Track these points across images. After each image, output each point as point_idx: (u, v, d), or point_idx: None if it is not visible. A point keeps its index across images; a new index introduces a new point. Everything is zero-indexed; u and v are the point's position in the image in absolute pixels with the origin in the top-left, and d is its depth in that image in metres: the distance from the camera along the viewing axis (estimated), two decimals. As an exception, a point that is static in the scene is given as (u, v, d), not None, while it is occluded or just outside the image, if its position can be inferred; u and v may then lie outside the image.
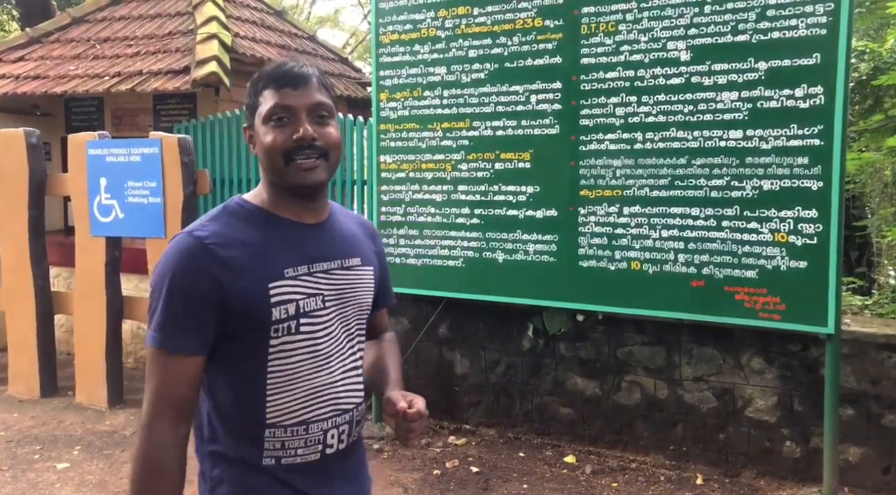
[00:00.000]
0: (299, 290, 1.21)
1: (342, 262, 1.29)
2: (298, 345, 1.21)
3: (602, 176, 3.36)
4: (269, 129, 1.21)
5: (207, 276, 1.14)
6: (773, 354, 3.39)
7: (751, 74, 3.03)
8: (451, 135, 3.76)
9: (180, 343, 1.15)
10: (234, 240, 1.19)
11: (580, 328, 3.78)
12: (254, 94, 1.26)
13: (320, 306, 1.23)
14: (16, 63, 5.92)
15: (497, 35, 3.59)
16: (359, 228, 1.41)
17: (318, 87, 1.24)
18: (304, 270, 1.23)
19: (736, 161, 3.09)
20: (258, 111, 1.24)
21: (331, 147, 1.23)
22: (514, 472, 3.52)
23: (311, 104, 1.22)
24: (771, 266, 3.04)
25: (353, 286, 1.30)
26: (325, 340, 1.24)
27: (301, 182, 1.21)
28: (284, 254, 1.22)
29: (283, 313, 1.18)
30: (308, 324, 1.21)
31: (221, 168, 5.06)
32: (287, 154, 1.19)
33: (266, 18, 6.79)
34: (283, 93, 1.21)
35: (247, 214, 1.24)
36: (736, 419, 3.47)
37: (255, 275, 1.17)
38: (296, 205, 1.25)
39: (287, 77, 1.22)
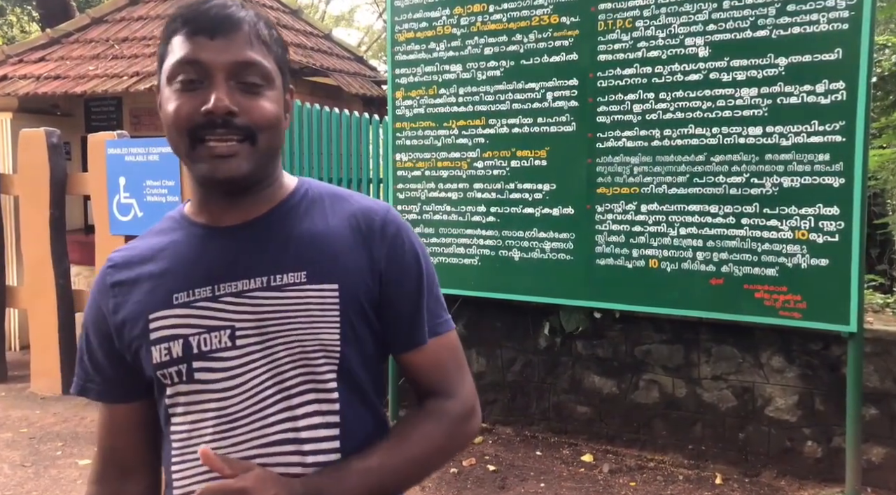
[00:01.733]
0: (192, 322, 0.87)
1: (269, 279, 0.88)
2: (195, 398, 0.88)
3: (619, 173, 3.34)
4: (173, 95, 0.85)
5: (100, 309, 0.94)
6: (793, 353, 3.36)
7: (770, 70, 2.99)
8: (466, 132, 3.75)
9: (94, 388, 0.95)
10: (134, 259, 0.93)
11: (597, 326, 3.77)
12: (163, 39, 0.90)
13: (227, 345, 0.87)
14: (37, 63, 6.00)
15: (513, 32, 3.58)
16: (342, 223, 0.93)
17: (249, 39, 0.86)
18: (205, 294, 0.88)
19: (755, 158, 3.05)
20: (163, 67, 0.89)
21: (259, 126, 0.85)
22: (531, 471, 3.51)
23: (235, 62, 0.85)
24: (791, 264, 3.00)
25: (286, 314, 0.88)
26: (232, 395, 0.87)
27: (209, 174, 0.85)
28: (181, 272, 0.89)
29: (164, 354, 0.87)
30: (206, 369, 0.87)
31: (238, 167, 5.09)
32: (193, 132, 0.84)
33: (282, 17, 6.83)
34: (195, 42, 0.85)
35: (167, 222, 0.97)
36: (756, 418, 3.44)
37: (137, 303, 0.90)
38: (214, 203, 0.91)
39: (202, 19, 0.85)
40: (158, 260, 0.92)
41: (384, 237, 0.94)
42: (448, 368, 0.98)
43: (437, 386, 0.97)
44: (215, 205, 0.91)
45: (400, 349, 0.97)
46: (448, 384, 0.97)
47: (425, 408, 0.96)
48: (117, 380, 0.94)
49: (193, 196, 0.94)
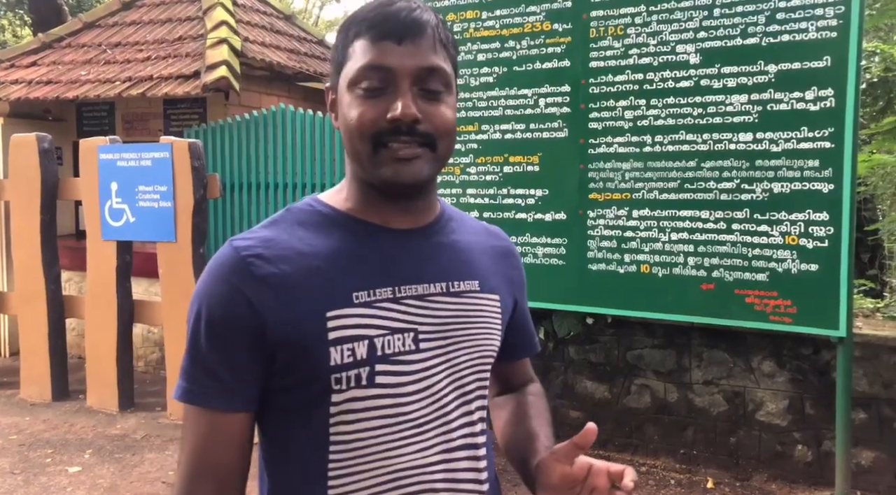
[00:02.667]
0: (376, 323, 0.84)
1: (449, 285, 0.90)
2: (373, 403, 0.83)
3: (611, 179, 3.36)
4: (356, 100, 0.84)
5: (242, 303, 0.82)
6: (784, 357, 3.38)
7: (760, 77, 3.02)
8: (459, 138, 3.76)
9: (211, 395, 0.83)
10: (287, 252, 0.85)
11: (590, 331, 3.78)
12: (342, 44, 0.87)
13: (411, 348, 0.85)
14: (28, 68, 5.98)
15: (505, 39, 3.60)
16: (485, 241, 1.00)
17: (433, 45, 0.84)
18: (387, 294, 0.85)
19: (746, 164, 3.08)
20: (344, 71, 0.86)
21: (441, 133, 0.85)
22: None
23: (422, 68, 0.83)
24: (782, 269, 3.02)
25: (468, 319, 0.90)
26: (417, 399, 0.85)
27: (392, 178, 0.84)
28: (357, 271, 0.85)
29: (347, 356, 0.81)
30: (389, 373, 0.83)
31: (232, 172, 5.09)
32: (377, 137, 0.83)
33: (275, 23, 6.83)
34: (382, 47, 0.83)
35: (316, 217, 0.90)
36: (747, 422, 3.45)
37: (309, 300, 0.82)
38: (386, 205, 0.89)
39: (390, 23, 0.83)
40: (324, 256, 0.85)
41: (511, 256, 1.05)
42: (531, 370, 1.16)
43: (531, 377, 1.14)
44: (388, 208, 0.89)
45: (519, 356, 1.10)
46: (533, 374, 1.16)
47: (534, 391, 1.11)
48: (246, 384, 0.83)
49: (357, 195, 0.90)
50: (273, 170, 4.92)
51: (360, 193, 0.89)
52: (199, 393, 0.83)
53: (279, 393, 0.84)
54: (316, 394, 0.82)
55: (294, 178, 4.84)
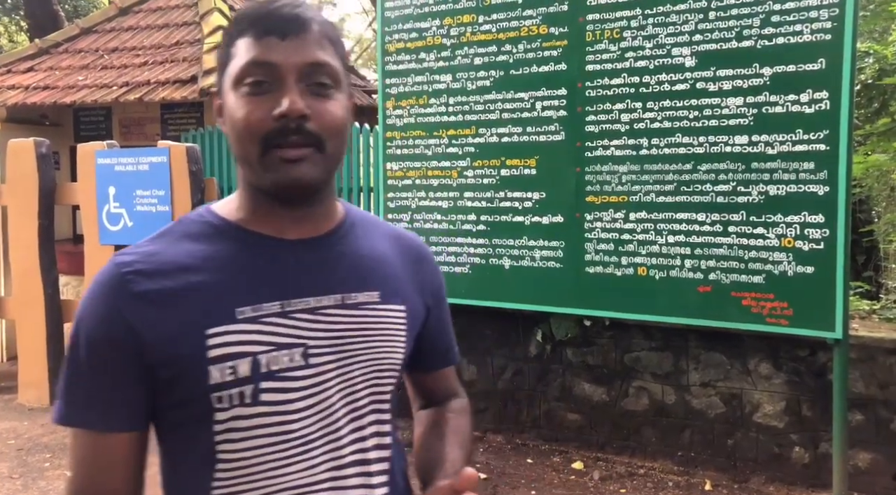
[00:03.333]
0: (260, 339, 0.81)
1: (345, 298, 0.87)
2: (258, 422, 0.80)
3: (608, 182, 3.37)
4: (241, 99, 0.81)
5: (119, 322, 0.79)
6: (780, 359, 3.39)
7: (755, 80, 3.04)
8: (456, 142, 3.78)
9: (92, 417, 0.80)
10: (168, 266, 0.81)
11: (587, 334, 3.79)
12: (225, 44, 0.85)
13: (299, 364, 0.82)
14: (25, 74, 5.99)
15: (502, 43, 3.61)
16: (395, 247, 0.96)
17: (319, 40, 0.83)
18: (274, 309, 0.82)
19: (742, 166, 3.09)
20: (227, 70, 0.84)
21: (328, 132, 0.82)
22: (522, 478, 3.52)
23: (307, 63, 0.81)
24: (778, 271, 3.04)
25: (363, 333, 0.87)
26: (305, 416, 0.82)
27: (280, 180, 0.81)
28: (243, 285, 0.82)
29: (228, 374, 0.78)
30: (275, 390, 0.80)
31: (229, 176, 5.10)
32: (266, 139, 0.80)
33: (272, 27, 6.85)
34: (265, 44, 0.81)
35: (205, 228, 0.86)
36: (744, 424, 3.46)
37: (188, 317, 0.79)
38: (278, 214, 0.86)
39: (272, 18, 0.82)
40: (206, 269, 0.82)
41: (430, 267, 1.01)
42: (456, 375, 1.11)
43: (455, 391, 1.08)
44: (280, 217, 0.85)
45: (436, 367, 1.06)
46: (459, 386, 1.11)
47: (455, 407, 1.05)
48: (127, 403, 0.80)
49: (249, 204, 0.87)
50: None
51: (252, 201, 0.86)
52: (78, 415, 0.80)
53: (166, 411, 0.82)
54: (199, 412, 0.80)
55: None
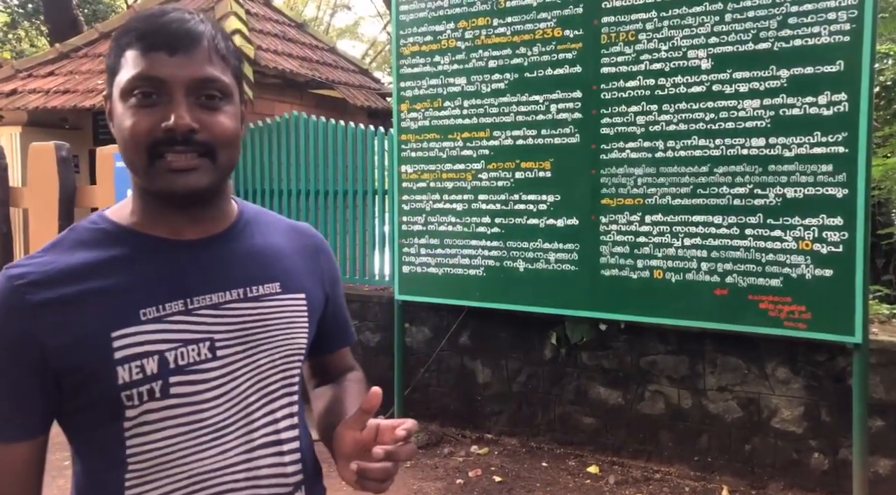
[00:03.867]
0: (167, 337, 0.84)
1: (245, 291, 0.91)
2: (169, 413, 0.84)
3: (623, 184, 3.35)
4: (129, 110, 0.83)
5: (19, 333, 0.81)
6: (799, 364, 3.35)
7: (773, 82, 3.01)
8: (471, 144, 3.78)
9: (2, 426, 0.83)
10: (64, 275, 0.83)
11: (602, 337, 3.77)
12: (114, 53, 0.86)
13: (207, 357, 0.86)
14: (46, 78, 6.07)
15: (517, 45, 3.61)
16: (289, 241, 1.01)
17: (208, 55, 0.85)
18: (178, 307, 0.86)
19: (759, 169, 3.07)
20: (116, 80, 0.85)
21: (219, 142, 0.85)
22: (536, 482, 3.51)
23: (195, 79, 0.83)
24: (796, 274, 3.01)
25: (267, 323, 0.92)
26: (216, 405, 0.87)
27: (169, 189, 0.84)
28: (144, 287, 0.85)
29: (136, 373, 0.82)
30: (185, 383, 0.85)
31: (246, 179, 5.13)
32: (152, 148, 0.82)
33: (288, 31, 6.89)
34: (153, 58, 0.82)
35: (98, 235, 0.88)
36: (762, 430, 3.43)
37: (91, 322, 0.82)
38: (172, 216, 0.89)
39: (161, 34, 0.83)
40: (105, 274, 0.84)
41: (326, 254, 1.07)
42: (351, 354, 1.19)
43: (351, 366, 1.17)
44: (175, 220, 0.89)
45: (335, 348, 1.13)
46: (355, 363, 1.19)
47: (352, 377, 1.14)
48: (28, 414, 0.83)
49: (143, 208, 0.89)
50: (287, 177, 4.95)
51: (145, 205, 0.89)
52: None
53: (73, 414, 0.85)
54: (108, 412, 0.83)
55: (307, 185, 4.87)
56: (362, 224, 4.72)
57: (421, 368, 4.26)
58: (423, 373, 4.26)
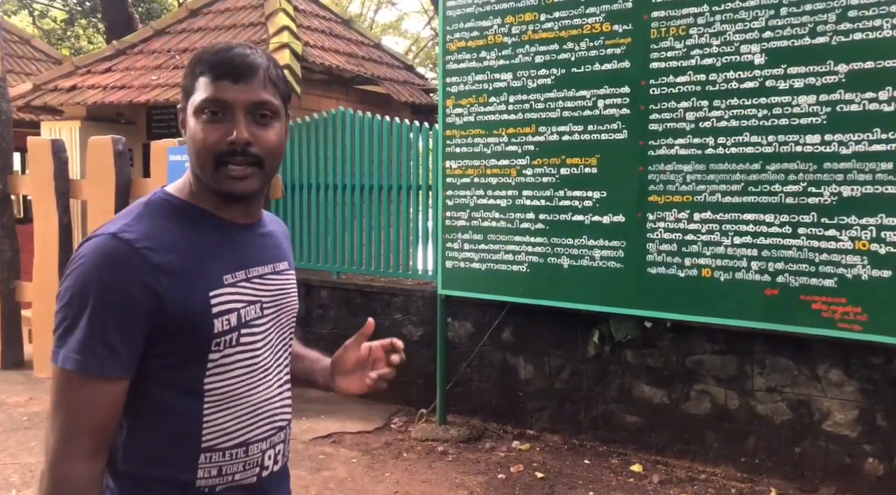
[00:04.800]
0: (240, 298, 1.10)
1: (275, 267, 1.19)
2: (237, 357, 1.09)
3: (672, 181, 3.31)
4: (200, 124, 1.05)
5: (142, 287, 1.00)
6: (853, 366, 3.26)
7: (830, 77, 2.93)
8: (516, 140, 3.78)
9: (108, 365, 0.99)
10: (166, 243, 1.04)
11: (648, 335, 3.73)
12: (190, 76, 1.08)
13: (259, 315, 1.13)
14: (104, 74, 6.28)
15: (564, 41, 3.59)
16: (279, 229, 1.29)
17: (263, 83, 1.07)
18: (242, 275, 1.12)
19: (813, 166, 2.99)
20: (191, 99, 1.08)
21: (267, 154, 1.07)
22: (579, 479, 3.50)
23: (253, 102, 1.06)
24: (851, 275, 2.93)
25: (286, 292, 1.21)
26: (264, 352, 1.14)
27: (228, 191, 1.07)
28: (221, 258, 1.10)
29: (225, 324, 1.06)
30: (248, 334, 1.10)
31: (293, 174, 5.22)
32: (218, 157, 1.05)
33: (334, 27, 6.97)
34: (220, 85, 1.05)
35: (175, 212, 1.10)
36: (812, 432, 3.35)
37: (195, 283, 1.05)
38: (230, 206, 1.13)
39: (228, 66, 1.05)
40: (200, 247, 1.08)
41: (289, 242, 1.34)
42: None
43: None
44: (231, 208, 1.13)
45: None
46: None
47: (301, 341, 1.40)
48: (133, 355, 1.01)
49: (204, 196, 1.11)
50: (333, 172, 5.02)
51: (207, 192, 1.11)
52: (98, 364, 0.99)
53: (167, 356, 1.04)
54: (199, 353, 1.06)
55: (353, 180, 4.93)
56: (406, 219, 4.76)
57: (463, 363, 4.28)
58: (464, 368, 4.29)
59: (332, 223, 5.04)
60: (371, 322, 1.24)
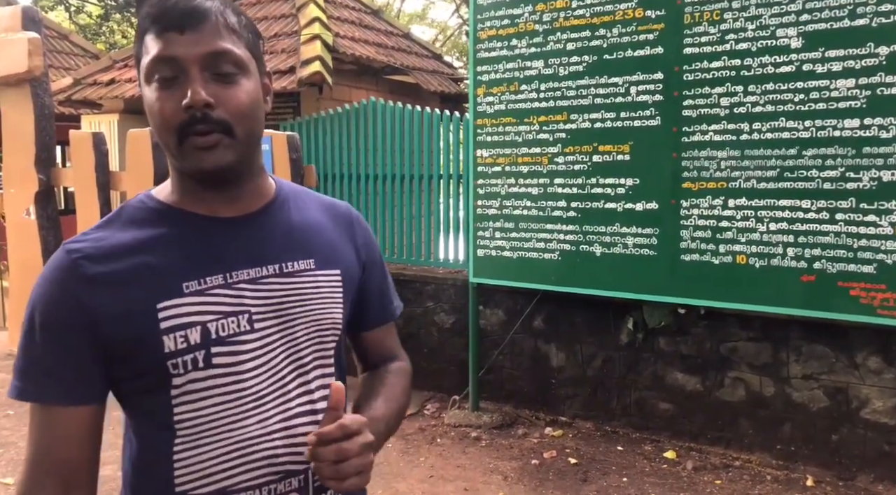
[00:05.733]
0: (208, 309, 0.88)
1: (280, 267, 0.95)
2: (212, 383, 0.88)
3: (706, 168, 3.29)
4: (154, 93, 0.86)
5: (73, 304, 0.86)
6: (892, 353, 3.22)
7: (870, 60, 2.88)
8: (547, 128, 3.78)
9: (49, 392, 0.86)
10: (116, 249, 0.88)
11: (681, 322, 3.72)
12: (137, 40, 0.90)
13: (245, 329, 0.90)
14: (139, 69, 6.41)
15: (596, 27, 3.58)
16: (325, 216, 1.04)
17: (217, 29, 0.87)
18: (218, 281, 0.90)
19: (852, 151, 2.95)
20: (140, 66, 0.89)
21: (235, 117, 0.87)
22: (612, 465, 3.52)
23: (207, 54, 0.85)
24: (891, 260, 2.89)
25: (301, 298, 0.95)
26: (255, 375, 0.91)
27: (197, 167, 0.87)
28: (186, 261, 0.89)
29: (180, 342, 0.86)
30: (226, 353, 0.89)
31: (325, 163, 5.29)
32: (181, 129, 0.85)
33: (364, 18, 7.01)
34: (166, 39, 0.85)
35: (145, 213, 0.93)
36: (850, 420, 3.32)
37: (138, 294, 0.86)
38: (208, 195, 0.92)
39: (170, 15, 0.85)
40: (153, 250, 0.89)
41: (361, 229, 1.08)
42: (397, 338, 1.18)
43: (394, 353, 1.15)
44: (210, 199, 0.92)
45: (372, 325, 1.12)
46: (400, 350, 1.17)
47: (393, 370, 1.12)
48: (82, 379, 0.87)
49: (181, 188, 0.93)
50: (364, 162, 5.08)
51: (183, 185, 0.92)
52: (36, 390, 0.87)
53: (122, 382, 0.89)
54: (156, 380, 0.87)
55: (384, 169, 4.98)
56: (437, 207, 4.80)
57: (495, 350, 4.32)
58: (496, 356, 4.32)
59: (363, 212, 5.10)
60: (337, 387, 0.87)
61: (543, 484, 3.34)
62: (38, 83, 5.23)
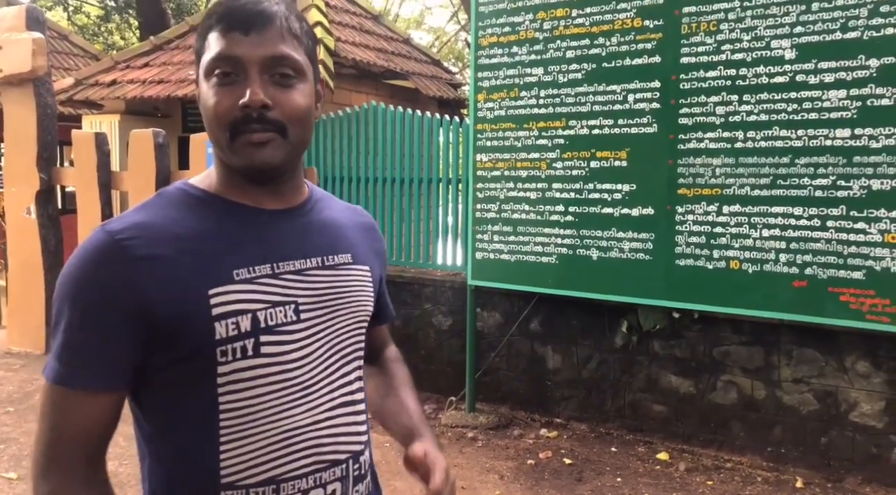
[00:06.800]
0: (258, 298, 0.89)
1: (324, 260, 0.98)
2: (260, 372, 0.88)
3: (701, 174, 3.36)
4: (211, 89, 0.89)
5: (121, 284, 0.84)
6: (880, 358, 3.30)
7: (861, 72, 2.97)
8: (546, 134, 3.85)
9: (85, 376, 0.85)
10: (163, 234, 0.87)
11: (675, 326, 3.79)
12: (199, 37, 0.92)
13: (292, 319, 0.91)
14: (142, 69, 6.46)
15: (595, 36, 3.65)
16: (352, 218, 1.09)
17: (281, 34, 0.89)
18: (266, 271, 0.91)
19: (843, 160, 3.03)
20: (201, 62, 0.91)
21: (290, 120, 0.89)
22: (606, 466, 3.58)
23: (269, 57, 0.88)
24: (880, 267, 2.97)
25: (343, 290, 0.99)
26: (301, 365, 0.92)
27: (248, 162, 0.89)
28: (235, 249, 0.90)
29: (231, 329, 0.86)
30: (274, 343, 0.89)
31: (326, 166, 5.35)
32: (233, 126, 0.87)
33: (364, 23, 7.08)
34: (230, 38, 0.88)
35: (189, 200, 0.93)
36: (839, 423, 3.39)
37: (190, 279, 0.86)
38: (255, 189, 0.94)
39: (237, 16, 0.88)
40: (201, 236, 0.89)
41: (378, 236, 1.15)
42: (388, 333, 1.27)
43: (386, 342, 1.25)
44: (257, 191, 0.94)
45: (380, 322, 1.19)
46: (389, 338, 1.27)
47: (391, 357, 1.23)
48: (117, 364, 0.86)
49: (226, 180, 0.94)
50: (365, 165, 5.14)
51: (228, 177, 0.93)
52: (72, 374, 0.84)
53: (164, 369, 0.87)
54: (201, 366, 0.86)
55: (385, 173, 5.04)
56: (435, 211, 4.86)
57: (492, 352, 4.38)
58: (493, 358, 4.38)
59: (363, 215, 5.15)
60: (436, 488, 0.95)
61: (539, 483, 3.40)
62: (42, 83, 5.28)
